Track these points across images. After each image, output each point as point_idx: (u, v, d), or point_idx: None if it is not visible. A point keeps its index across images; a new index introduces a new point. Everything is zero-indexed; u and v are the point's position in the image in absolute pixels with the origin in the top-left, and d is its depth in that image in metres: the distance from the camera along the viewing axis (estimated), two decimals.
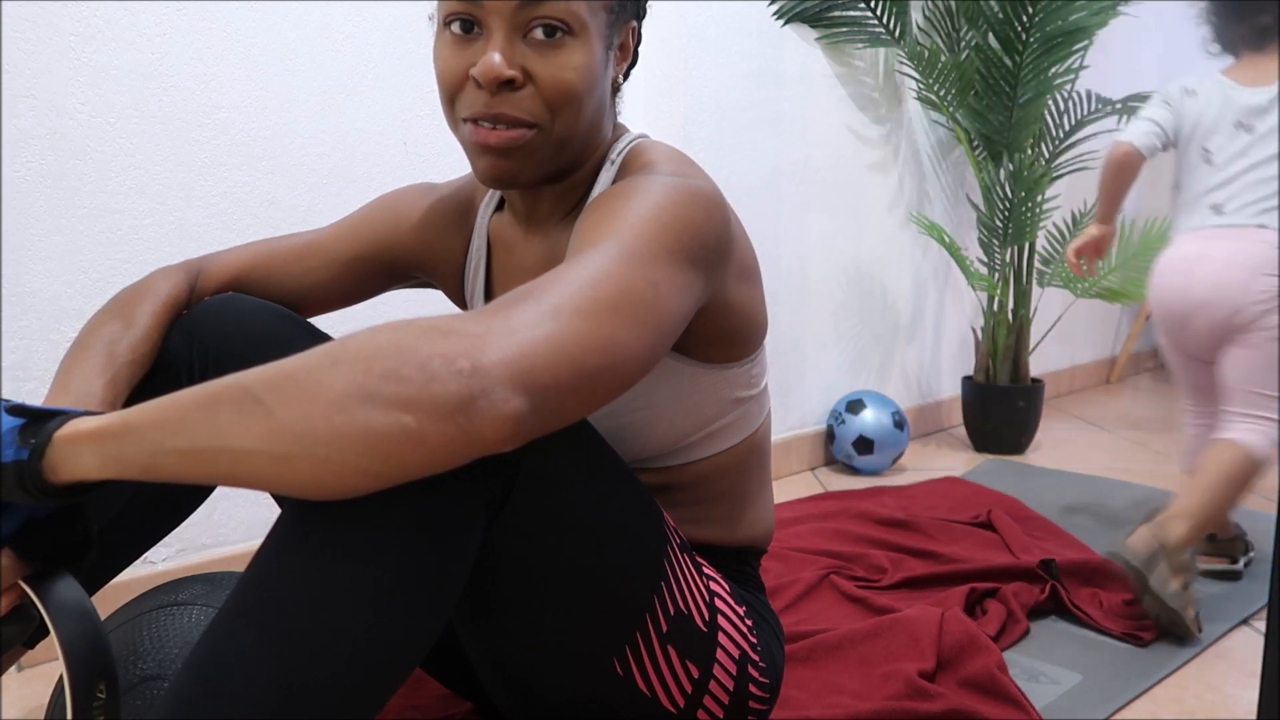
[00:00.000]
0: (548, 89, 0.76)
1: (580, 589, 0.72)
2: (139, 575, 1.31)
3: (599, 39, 0.78)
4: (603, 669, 0.75)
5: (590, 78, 0.77)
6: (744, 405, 0.90)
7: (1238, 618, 1.37)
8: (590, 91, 0.78)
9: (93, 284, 1.25)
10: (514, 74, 0.74)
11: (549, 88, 0.76)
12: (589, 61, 0.77)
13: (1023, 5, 2.21)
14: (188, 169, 1.32)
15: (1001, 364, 2.47)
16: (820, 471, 2.28)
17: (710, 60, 1.97)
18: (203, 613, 0.81)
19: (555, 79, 0.75)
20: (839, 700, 1.08)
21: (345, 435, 0.52)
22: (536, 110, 0.76)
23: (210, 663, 0.56)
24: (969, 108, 2.35)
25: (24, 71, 1.17)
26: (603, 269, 0.63)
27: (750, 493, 0.94)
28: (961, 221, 2.75)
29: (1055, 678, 1.19)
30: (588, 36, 0.76)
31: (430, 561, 0.61)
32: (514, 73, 0.74)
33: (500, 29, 0.74)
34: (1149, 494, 2.02)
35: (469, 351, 0.53)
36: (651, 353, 0.64)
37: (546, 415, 0.56)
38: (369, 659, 0.58)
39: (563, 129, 0.78)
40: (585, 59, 0.76)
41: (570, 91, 0.76)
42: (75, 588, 0.63)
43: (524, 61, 0.75)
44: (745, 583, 0.95)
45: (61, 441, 0.58)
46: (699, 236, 0.72)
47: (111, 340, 0.85)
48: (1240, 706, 1.13)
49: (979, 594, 1.37)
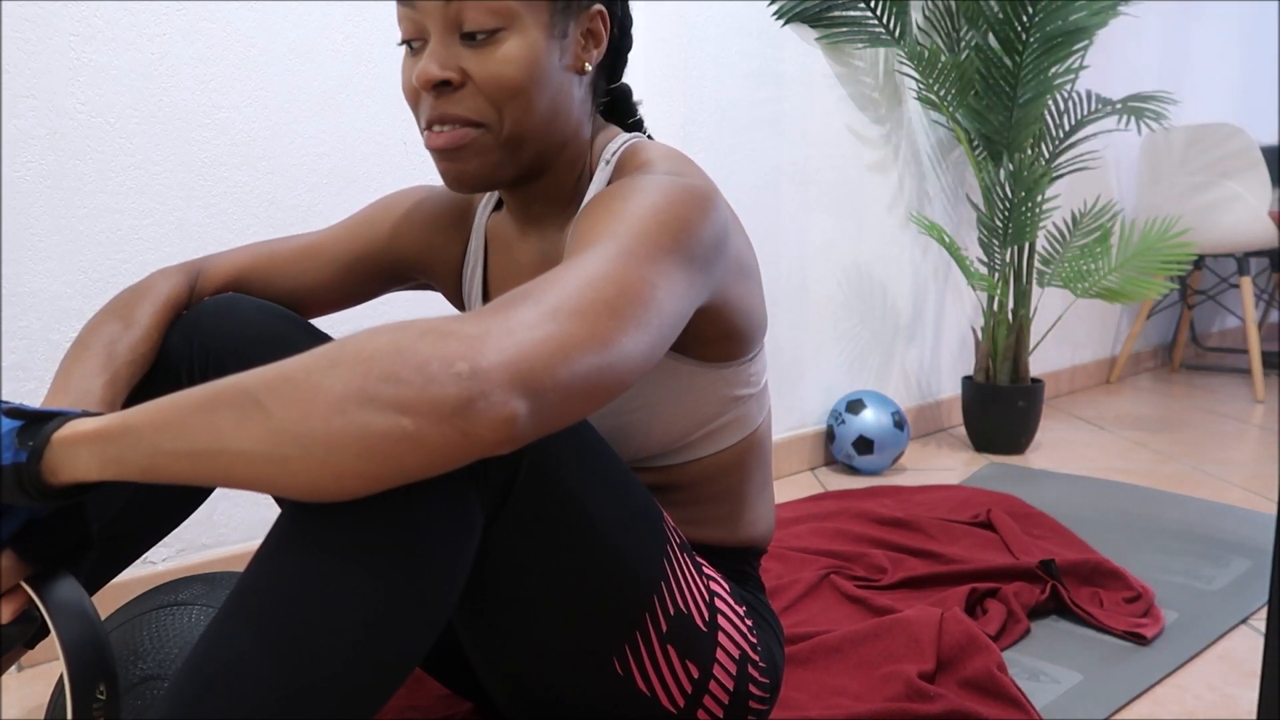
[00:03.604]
0: (486, 85, 0.76)
1: (580, 589, 0.72)
2: (139, 575, 1.31)
3: (540, 29, 0.77)
4: (603, 669, 0.75)
5: (533, 69, 0.77)
6: (743, 404, 0.90)
7: (1238, 618, 1.37)
8: (537, 83, 0.77)
9: (93, 284, 1.25)
10: (448, 75, 0.75)
11: (487, 84, 0.76)
12: (528, 53, 0.76)
13: (1023, 5, 2.21)
14: (188, 169, 1.32)
15: (1001, 364, 2.47)
16: (820, 471, 2.28)
17: (710, 60, 1.97)
18: (203, 613, 0.81)
19: (492, 74, 0.76)
20: (839, 701, 1.08)
21: (344, 437, 0.52)
22: (481, 108, 0.77)
23: (210, 663, 0.56)
24: (969, 108, 2.35)
25: (24, 71, 1.17)
26: (600, 269, 0.63)
27: (750, 492, 0.94)
28: (961, 221, 2.75)
29: (1055, 677, 1.19)
30: (525, 28, 0.76)
31: (430, 562, 0.61)
32: (448, 74, 0.75)
33: (437, 33, 0.76)
34: (1149, 494, 2.02)
35: (467, 354, 0.53)
36: (650, 353, 0.64)
37: (545, 417, 0.56)
38: (368, 659, 0.58)
39: (512, 125, 0.78)
40: (522, 51, 0.76)
41: (509, 85, 0.76)
42: (76, 588, 0.63)
43: (461, 62, 0.76)
44: (745, 583, 0.95)
45: (60, 443, 0.58)
46: (697, 235, 0.72)
47: (111, 340, 0.85)
48: (1240, 706, 1.13)
49: (979, 594, 1.37)
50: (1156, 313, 3.93)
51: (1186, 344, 4.23)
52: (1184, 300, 3.94)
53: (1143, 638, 1.29)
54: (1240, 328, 4.75)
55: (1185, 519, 1.84)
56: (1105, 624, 1.32)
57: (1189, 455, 2.43)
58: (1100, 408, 3.12)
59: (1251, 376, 3.44)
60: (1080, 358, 3.49)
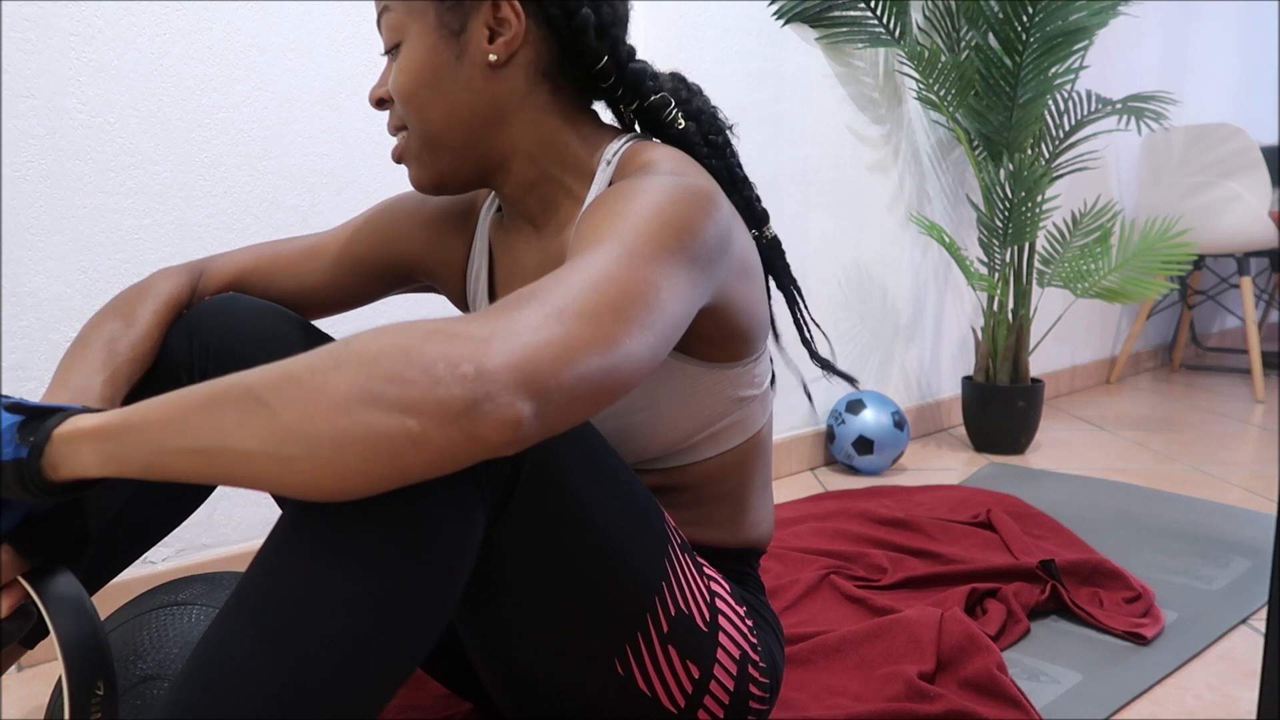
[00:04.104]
0: (394, 98, 0.84)
1: (581, 589, 0.72)
2: (139, 575, 1.31)
3: (428, 33, 0.82)
4: (603, 669, 0.75)
5: (421, 73, 0.82)
6: (747, 405, 0.90)
7: (1238, 618, 1.37)
8: (428, 85, 0.82)
9: (93, 284, 1.25)
10: (379, 93, 0.86)
11: (393, 96, 0.84)
12: (414, 59, 0.82)
13: (1023, 5, 2.21)
14: (188, 169, 1.32)
15: (1001, 364, 2.47)
16: (820, 471, 2.28)
17: (710, 60, 1.97)
18: (203, 613, 0.81)
19: (394, 86, 0.83)
20: (839, 702, 1.08)
21: (348, 437, 0.51)
22: (400, 118, 0.86)
23: (210, 663, 0.56)
24: (969, 108, 2.35)
25: (24, 71, 1.17)
26: (604, 270, 0.63)
27: (752, 494, 0.94)
28: (961, 221, 2.75)
29: (1055, 677, 1.19)
30: (410, 35, 0.82)
31: (431, 563, 0.60)
32: (380, 92, 0.86)
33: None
34: (1149, 494, 2.02)
35: (473, 355, 0.53)
36: (654, 354, 0.64)
37: (550, 418, 0.56)
38: (369, 660, 0.58)
39: (418, 127, 0.84)
40: (409, 58, 0.82)
41: (402, 93, 0.83)
42: (74, 584, 0.63)
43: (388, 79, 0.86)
44: (745, 583, 0.95)
45: (61, 439, 0.58)
46: (700, 236, 0.71)
47: (112, 338, 0.85)
48: (1240, 706, 1.13)
49: (979, 594, 1.37)
50: (1156, 313, 3.93)
51: (1186, 344, 4.23)
52: (1184, 300, 3.94)
53: (1143, 638, 1.29)
54: (1240, 328, 4.75)
55: (1185, 519, 1.84)
56: (1105, 624, 1.32)
57: (1189, 455, 2.43)
58: (1100, 408, 3.12)
59: (1251, 376, 3.44)
60: (1080, 358, 3.49)
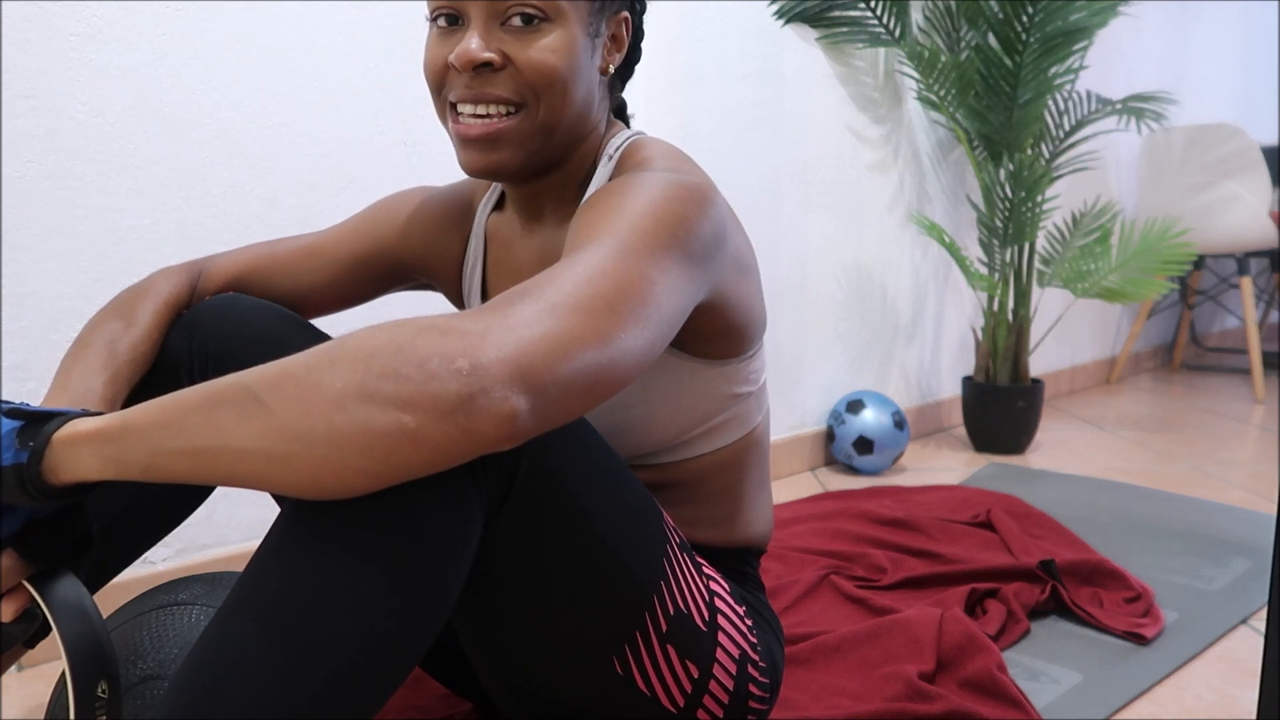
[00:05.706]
0: (528, 70, 0.78)
1: (580, 588, 0.72)
2: (139, 575, 1.31)
3: (580, 26, 0.79)
4: (602, 668, 0.75)
5: (572, 61, 0.79)
6: (742, 401, 0.90)
7: (1238, 618, 1.37)
8: (574, 75, 0.79)
9: (93, 284, 1.25)
10: (491, 56, 0.77)
11: (529, 69, 0.77)
12: (569, 45, 0.78)
13: (1023, 5, 2.21)
14: (188, 169, 1.32)
15: (1001, 364, 2.47)
16: (820, 471, 2.28)
17: (710, 60, 1.97)
18: (203, 613, 0.81)
19: (535, 60, 0.77)
20: (838, 702, 1.08)
21: (345, 434, 0.52)
22: (520, 90, 0.78)
23: (210, 663, 0.56)
24: (969, 108, 2.35)
25: (24, 71, 1.17)
26: (599, 266, 0.63)
27: (749, 492, 0.94)
28: (961, 221, 2.75)
29: (1055, 677, 1.19)
30: (567, 23, 0.78)
31: (429, 561, 0.61)
32: (491, 55, 0.77)
33: (479, 18, 0.77)
34: (1149, 494, 2.02)
35: (468, 350, 0.53)
36: (649, 349, 0.64)
37: (546, 413, 0.56)
38: (368, 658, 0.58)
39: (548, 112, 0.79)
40: (564, 42, 0.78)
41: (551, 72, 0.78)
42: (77, 586, 0.63)
43: (503, 46, 0.77)
44: (745, 582, 0.95)
45: (60, 443, 0.58)
46: (695, 232, 0.72)
47: (112, 339, 0.85)
48: (1240, 706, 1.13)
49: (979, 594, 1.37)
50: (1156, 313, 3.93)
51: (1186, 344, 4.23)
52: (1184, 300, 3.94)
53: (1143, 638, 1.29)
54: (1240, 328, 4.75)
55: (1185, 519, 1.84)
56: (1105, 624, 1.32)
57: (1189, 455, 2.43)
58: (1100, 408, 3.12)
59: (1251, 376, 3.44)
60: (1080, 358, 3.49)
